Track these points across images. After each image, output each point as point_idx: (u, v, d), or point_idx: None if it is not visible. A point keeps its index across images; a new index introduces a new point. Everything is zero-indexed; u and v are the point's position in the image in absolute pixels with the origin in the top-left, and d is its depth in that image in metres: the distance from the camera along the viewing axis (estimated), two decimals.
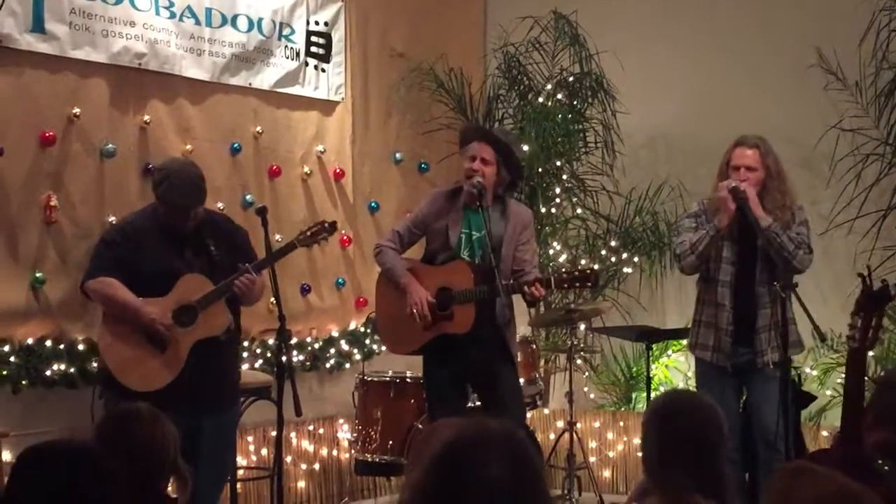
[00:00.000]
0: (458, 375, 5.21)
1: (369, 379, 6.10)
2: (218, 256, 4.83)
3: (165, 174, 4.79)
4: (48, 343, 5.40)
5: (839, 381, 6.04)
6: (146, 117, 5.87)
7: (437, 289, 5.17)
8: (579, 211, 7.33)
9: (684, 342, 6.96)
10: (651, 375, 6.10)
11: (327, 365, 6.74)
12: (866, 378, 3.41)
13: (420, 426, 5.76)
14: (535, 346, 6.61)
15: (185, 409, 4.55)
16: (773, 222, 4.94)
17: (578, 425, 6.41)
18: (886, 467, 2.72)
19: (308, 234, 5.09)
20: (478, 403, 5.68)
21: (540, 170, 7.12)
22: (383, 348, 6.67)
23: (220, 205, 6.09)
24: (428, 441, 2.71)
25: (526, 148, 6.95)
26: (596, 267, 5.75)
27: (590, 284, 5.19)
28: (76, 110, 5.56)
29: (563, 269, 5.12)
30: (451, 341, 5.13)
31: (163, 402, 4.44)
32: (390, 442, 5.90)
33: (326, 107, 6.87)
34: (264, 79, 6.47)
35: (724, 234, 5.02)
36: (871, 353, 6.05)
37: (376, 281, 5.52)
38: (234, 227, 5.10)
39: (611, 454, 6.96)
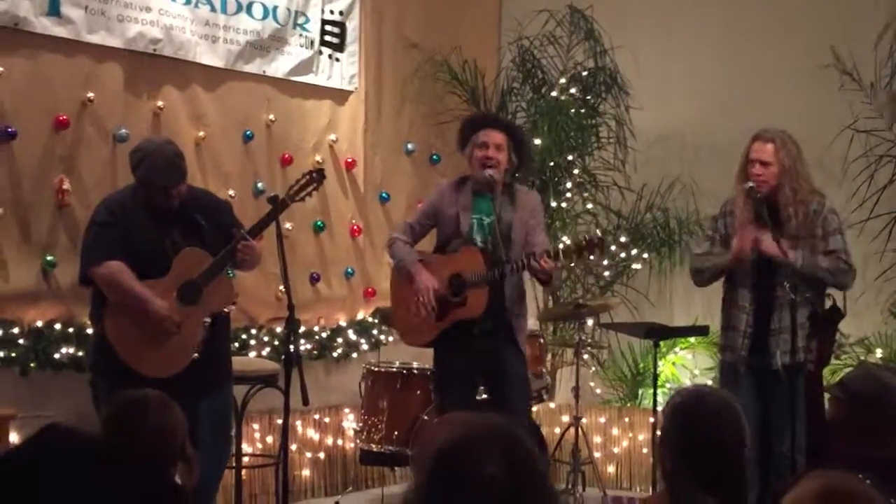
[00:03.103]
0: (469, 367, 5.20)
1: (376, 369, 6.10)
2: (208, 230, 4.73)
3: (142, 155, 4.63)
4: (57, 326, 5.42)
5: None
6: (160, 103, 5.87)
7: (450, 276, 5.16)
8: (590, 206, 7.33)
9: (692, 340, 6.99)
10: (658, 372, 6.09)
11: (334, 354, 6.74)
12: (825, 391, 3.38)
13: (426, 417, 5.77)
14: (542, 341, 6.60)
15: (181, 392, 4.52)
16: (801, 258, 4.82)
17: (584, 420, 6.41)
18: (867, 481, 2.71)
19: (297, 187, 4.89)
20: (484, 396, 5.69)
21: (552, 164, 7.11)
22: (391, 339, 6.69)
23: (231, 192, 6.10)
24: (431, 437, 2.68)
25: (538, 142, 6.95)
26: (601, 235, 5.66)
27: (598, 251, 5.11)
28: (90, 94, 5.57)
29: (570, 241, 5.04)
30: (463, 333, 5.12)
31: (158, 388, 4.44)
32: (396, 432, 5.91)
33: (339, 96, 6.86)
34: (278, 67, 6.46)
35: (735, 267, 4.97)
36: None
37: (391, 272, 5.51)
38: (217, 200, 5.01)
39: (615, 450, 6.97)
